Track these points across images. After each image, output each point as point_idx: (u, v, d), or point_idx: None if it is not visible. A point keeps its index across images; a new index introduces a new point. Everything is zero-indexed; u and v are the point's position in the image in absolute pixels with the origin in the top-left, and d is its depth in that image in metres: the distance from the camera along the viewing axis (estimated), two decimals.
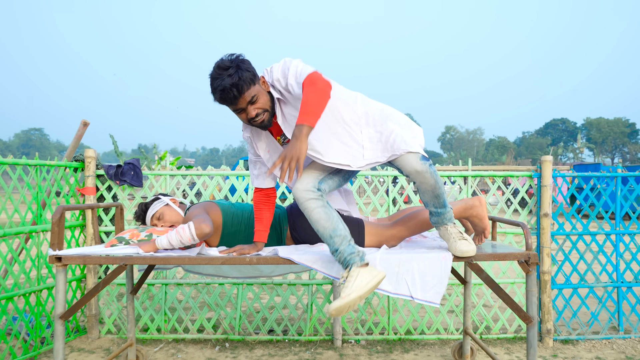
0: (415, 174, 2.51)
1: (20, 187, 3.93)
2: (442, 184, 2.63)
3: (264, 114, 2.60)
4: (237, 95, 2.49)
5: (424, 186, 2.57)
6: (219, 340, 4.52)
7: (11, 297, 3.79)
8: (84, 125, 4.47)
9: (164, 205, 3.25)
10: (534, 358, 2.87)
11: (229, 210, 3.18)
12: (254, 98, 2.54)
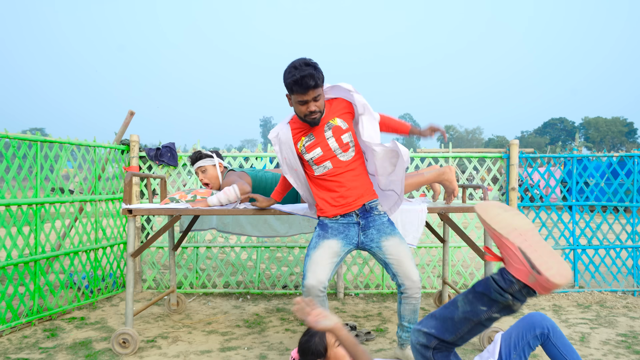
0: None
1: (76, 164, 4.83)
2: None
3: (318, 113, 3.08)
4: (312, 86, 2.95)
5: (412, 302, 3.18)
6: (241, 293, 5.43)
7: (76, 251, 4.69)
8: (130, 114, 5.37)
9: (212, 165, 4.15)
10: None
11: (257, 177, 4.08)
12: (318, 97, 3.03)
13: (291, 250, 5.63)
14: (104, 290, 5.08)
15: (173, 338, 4.03)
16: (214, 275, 5.54)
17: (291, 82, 2.94)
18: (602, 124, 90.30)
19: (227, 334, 4.15)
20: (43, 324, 4.29)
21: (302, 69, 2.92)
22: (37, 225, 4.24)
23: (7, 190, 4.06)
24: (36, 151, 4.23)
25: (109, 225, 5.18)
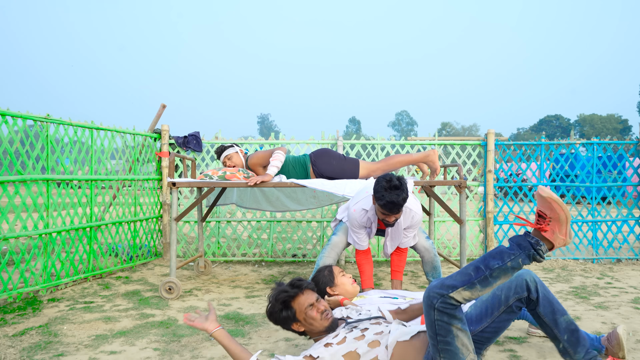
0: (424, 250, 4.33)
1: (115, 150, 5.70)
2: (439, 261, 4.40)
3: (395, 221, 3.90)
4: (398, 210, 3.75)
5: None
6: (257, 261, 6.32)
7: (120, 222, 5.58)
8: (162, 107, 6.26)
9: (235, 152, 5.02)
10: (465, 250, 4.66)
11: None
12: (400, 213, 3.83)
13: (299, 224, 6.52)
14: (140, 256, 5.97)
15: (205, 290, 4.92)
16: (233, 245, 6.44)
17: (383, 202, 3.70)
18: (597, 121, 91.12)
19: (249, 288, 5.04)
20: (96, 280, 5.17)
21: (394, 194, 3.66)
22: (92, 198, 5.12)
23: (70, 169, 4.93)
24: (91, 136, 5.11)
25: (145, 202, 6.06)
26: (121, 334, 3.57)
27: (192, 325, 2.56)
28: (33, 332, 3.57)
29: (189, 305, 4.33)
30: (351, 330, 2.59)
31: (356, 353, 2.45)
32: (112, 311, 4.14)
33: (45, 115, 4.54)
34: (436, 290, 2.27)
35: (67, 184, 4.95)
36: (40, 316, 3.96)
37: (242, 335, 3.54)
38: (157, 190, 6.28)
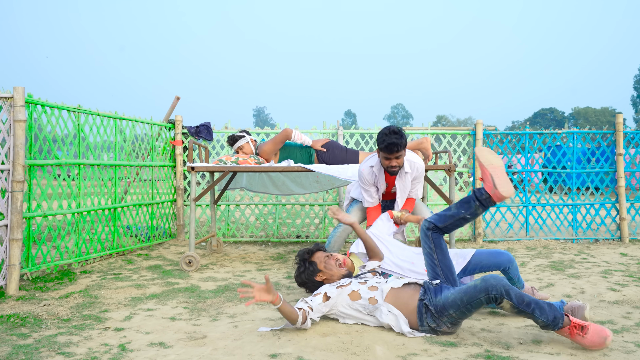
0: None
1: (133, 139, 6.21)
2: None
3: (397, 167, 4.28)
4: (396, 151, 4.15)
5: None
6: (263, 241, 6.85)
7: (140, 204, 6.09)
8: (176, 99, 6.76)
9: (246, 142, 5.53)
10: (454, 234, 5.18)
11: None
12: (400, 156, 4.20)
13: (302, 207, 7.04)
14: (157, 236, 6.48)
15: (220, 265, 5.45)
16: (242, 227, 6.97)
17: (383, 145, 4.17)
18: (592, 114, 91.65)
19: (259, 263, 5.57)
20: (119, 257, 5.68)
21: (393, 137, 4.12)
22: (116, 181, 5.63)
23: (98, 155, 5.44)
24: (115, 125, 5.62)
25: (161, 187, 6.57)
26: (153, 296, 4.09)
27: (256, 300, 2.97)
28: (75, 295, 4.09)
29: (207, 276, 4.85)
30: (356, 278, 3.19)
31: (358, 293, 3.10)
32: (140, 280, 4.66)
33: (77, 106, 5.04)
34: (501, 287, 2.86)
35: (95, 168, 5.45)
36: (76, 284, 4.47)
37: None
38: (171, 175, 6.79)
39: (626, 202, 6.85)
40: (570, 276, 4.80)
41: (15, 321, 3.38)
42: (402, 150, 4.17)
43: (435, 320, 3.01)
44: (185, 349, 2.89)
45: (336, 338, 3.04)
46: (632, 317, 3.49)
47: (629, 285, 4.40)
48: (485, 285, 2.86)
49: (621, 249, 6.34)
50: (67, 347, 2.90)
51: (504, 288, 2.85)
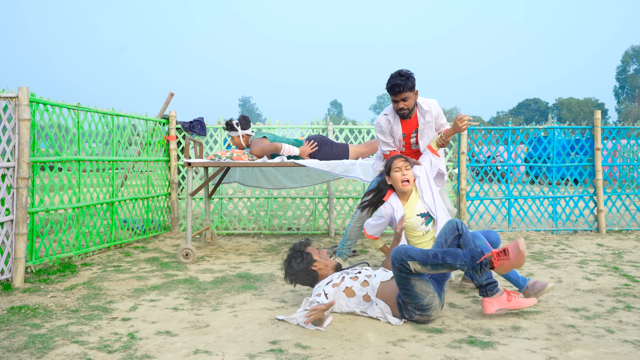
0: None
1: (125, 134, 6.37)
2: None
3: (406, 110, 4.29)
4: (399, 92, 4.20)
5: None
6: (256, 233, 7.07)
7: (136, 198, 6.26)
8: (170, 95, 6.92)
9: (237, 135, 5.72)
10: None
11: (272, 139, 5.66)
12: (406, 98, 4.24)
13: (294, 201, 7.26)
14: (152, 229, 6.66)
15: (215, 257, 5.65)
16: (235, 220, 7.17)
17: (388, 85, 4.27)
18: (575, 104, 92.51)
19: (253, 254, 5.78)
20: (117, 249, 5.86)
21: (398, 79, 4.21)
22: (113, 176, 5.80)
23: (97, 151, 5.60)
24: (112, 122, 5.77)
25: (156, 181, 6.74)
26: (154, 288, 4.29)
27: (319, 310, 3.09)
28: (80, 287, 4.28)
29: (204, 268, 5.06)
30: (347, 273, 3.43)
31: (352, 290, 3.33)
32: (140, 272, 4.85)
33: (76, 104, 5.19)
34: (400, 254, 3.13)
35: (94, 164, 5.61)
36: (79, 277, 4.66)
37: (255, 289, 4.28)
38: (165, 170, 6.97)
39: (603, 194, 7.16)
40: (549, 266, 5.07)
41: (26, 312, 3.57)
42: (406, 92, 4.22)
43: (407, 311, 3.28)
44: (191, 337, 3.10)
45: (330, 326, 3.27)
46: (604, 305, 3.77)
47: (603, 275, 4.69)
48: (392, 262, 3.15)
49: (598, 239, 6.64)
50: (79, 336, 3.10)
51: (403, 253, 3.11)
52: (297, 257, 3.65)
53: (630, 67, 78.45)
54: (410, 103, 4.30)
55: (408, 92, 4.23)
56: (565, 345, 2.96)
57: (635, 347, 2.93)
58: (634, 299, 3.92)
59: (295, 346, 2.94)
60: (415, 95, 4.32)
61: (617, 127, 7.27)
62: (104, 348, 2.91)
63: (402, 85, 4.18)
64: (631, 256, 5.58)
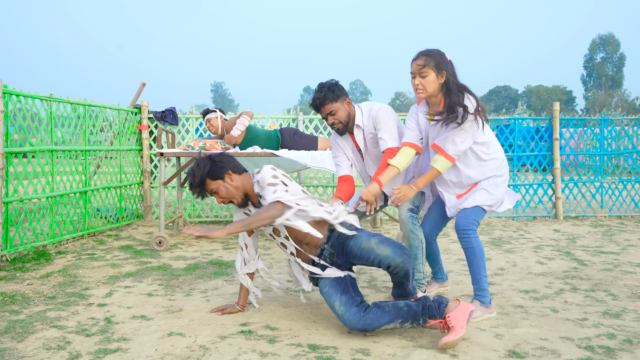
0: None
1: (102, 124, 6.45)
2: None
3: (339, 124, 3.64)
4: (321, 105, 3.60)
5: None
6: (227, 221, 7.23)
7: (108, 187, 6.36)
8: (142, 85, 7.00)
9: (215, 117, 5.85)
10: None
11: (249, 127, 5.80)
12: (333, 112, 3.59)
13: None
14: (125, 217, 6.77)
15: (188, 244, 5.81)
16: (207, 207, 7.31)
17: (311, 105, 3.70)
18: (543, 92, 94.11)
19: (224, 242, 5.95)
20: (91, 238, 5.97)
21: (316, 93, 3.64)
22: (86, 166, 5.89)
23: (69, 141, 5.67)
24: (84, 112, 5.85)
25: (127, 171, 6.84)
26: (129, 275, 4.44)
27: (201, 236, 2.88)
28: (55, 274, 4.41)
29: (177, 255, 5.21)
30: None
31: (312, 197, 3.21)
32: (114, 260, 4.99)
33: (49, 94, 5.26)
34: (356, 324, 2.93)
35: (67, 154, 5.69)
36: (53, 265, 4.77)
37: (226, 275, 4.46)
38: (138, 159, 7.06)
39: (561, 182, 7.51)
40: (506, 251, 5.37)
41: (4, 299, 3.69)
42: (329, 103, 3.59)
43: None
44: (165, 321, 3.28)
45: (297, 309, 3.49)
46: (553, 287, 4.06)
47: (555, 259, 5.00)
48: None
49: (555, 225, 6.99)
50: (58, 321, 3.25)
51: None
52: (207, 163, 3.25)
53: (597, 55, 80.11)
54: (341, 115, 3.64)
55: (333, 104, 3.60)
56: (513, 324, 3.23)
57: (575, 324, 3.21)
58: (580, 281, 4.23)
59: (263, 327, 3.15)
60: (347, 105, 3.67)
61: (575, 118, 7.61)
62: (82, 332, 3.07)
63: (322, 98, 3.59)
64: (584, 241, 5.92)
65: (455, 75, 3.34)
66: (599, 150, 7.66)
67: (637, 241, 5.91)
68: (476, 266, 3.40)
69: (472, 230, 3.38)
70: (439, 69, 3.27)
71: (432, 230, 3.77)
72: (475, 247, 3.38)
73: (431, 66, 3.26)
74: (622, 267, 4.69)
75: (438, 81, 3.30)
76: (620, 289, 3.99)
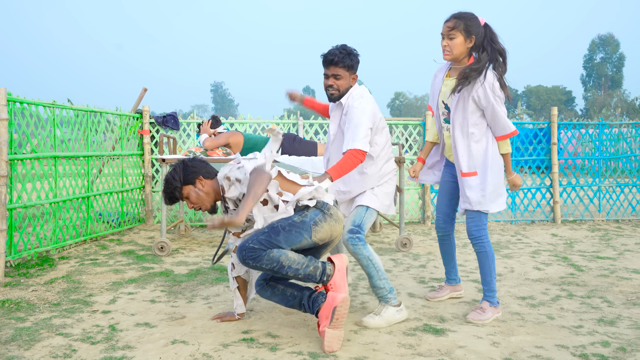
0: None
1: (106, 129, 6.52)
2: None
3: (335, 90, 3.49)
4: (332, 64, 3.44)
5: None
6: None
7: (111, 192, 6.42)
8: (144, 90, 7.06)
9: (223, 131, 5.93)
10: (404, 213, 5.75)
11: (248, 135, 5.88)
12: (339, 76, 3.46)
13: None
14: (127, 222, 6.84)
15: (189, 249, 5.87)
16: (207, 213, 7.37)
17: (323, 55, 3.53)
18: (543, 92, 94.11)
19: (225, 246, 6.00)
20: (93, 242, 6.03)
21: (337, 51, 3.47)
22: (88, 171, 5.95)
23: (72, 147, 5.74)
24: (87, 118, 5.91)
25: (129, 174, 6.90)
26: (131, 281, 4.51)
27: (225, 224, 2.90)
28: (59, 281, 4.47)
29: (179, 260, 5.28)
30: None
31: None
32: (117, 265, 5.05)
33: (52, 101, 5.32)
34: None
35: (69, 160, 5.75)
36: (57, 270, 4.83)
37: (228, 280, 4.51)
38: (139, 163, 7.12)
39: (559, 186, 7.57)
40: (504, 256, 5.44)
41: (10, 306, 3.75)
42: (340, 67, 3.45)
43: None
44: (168, 328, 3.34)
45: (298, 316, 3.55)
46: (549, 293, 4.13)
47: (552, 265, 5.07)
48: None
49: (553, 229, 7.06)
50: (63, 329, 3.31)
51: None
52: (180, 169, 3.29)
53: (596, 55, 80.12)
54: (342, 84, 3.49)
55: (343, 69, 3.46)
56: (509, 331, 3.29)
57: (571, 332, 3.27)
58: (576, 287, 4.29)
59: (265, 335, 3.21)
60: (352, 79, 3.55)
61: (573, 123, 7.68)
62: (88, 340, 3.13)
63: (340, 58, 3.43)
64: (581, 246, 5.99)
65: (493, 40, 3.42)
66: (597, 154, 7.72)
67: (634, 246, 5.98)
68: (487, 269, 3.56)
69: (484, 235, 3.56)
70: (469, 33, 3.35)
71: (446, 222, 3.89)
72: (488, 252, 3.57)
73: (460, 29, 3.34)
74: (618, 272, 4.75)
75: (465, 45, 3.38)
76: (616, 296, 4.05)
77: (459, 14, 3.40)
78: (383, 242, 6.31)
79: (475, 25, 3.37)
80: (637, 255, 5.50)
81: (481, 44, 3.39)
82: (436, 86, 3.67)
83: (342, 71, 3.47)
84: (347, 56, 3.45)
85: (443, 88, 3.62)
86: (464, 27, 3.35)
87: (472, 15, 3.40)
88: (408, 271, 4.87)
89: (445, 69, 3.64)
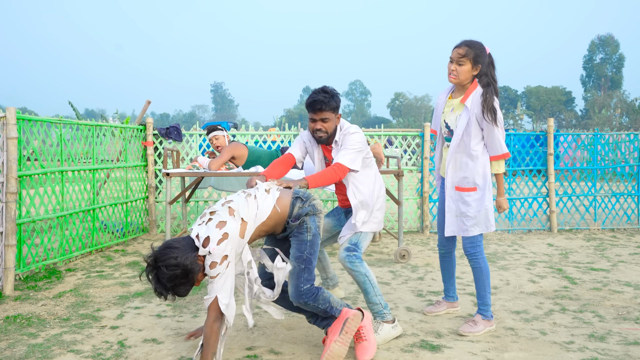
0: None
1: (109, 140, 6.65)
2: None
3: (324, 133, 3.59)
4: (319, 110, 3.52)
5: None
6: None
7: (115, 204, 6.56)
8: (147, 102, 7.19)
9: (222, 135, 6.03)
10: (402, 225, 5.89)
11: (253, 150, 6.00)
12: (326, 119, 3.55)
13: None
14: (131, 232, 6.97)
15: None
16: None
17: (307, 101, 3.60)
18: (543, 93, 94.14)
19: None
20: (99, 253, 6.16)
21: (319, 94, 3.55)
22: (94, 183, 6.08)
23: (78, 161, 5.87)
24: (93, 132, 6.05)
25: (133, 185, 7.03)
26: (138, 294, 4.64)
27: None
28: (67, 294, 4.60)
29: None
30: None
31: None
32: (122, 278, 5.18)
33: (59, 117, 5.46)
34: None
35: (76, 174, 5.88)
36: (64, 283, 4.97)
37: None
38: (143, 174, 7.26)
39: (555, 196, 7.71)
40: (500, 268, 5.57)
41: (21, 322, 3.88)
42: (327, 111, 3.56)
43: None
44: (175, 344, 3.48)
45: (300, 331, 3.68)
46: (543, 307, 4.26)
47: (547, 277, 5.20)
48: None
49: (549, 239, 7.19)
50: (74, 345, 3.45)
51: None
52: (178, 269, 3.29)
53: (596, 56, 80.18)
54: (330, 126, 3.61)
55: (330, 113, 3.57)
56: (503, 347, 3.42)
57: (562, 348, 3.41)
58: (569, 301, 4.42)
59: (268, 352, 3.35)
60: (337, 119, 3.66)
61: (569, 134, 7.81)
62: (98, 356, 3.26)
63: (324, 102, 3.52)
64: (576, 256, 6.12)
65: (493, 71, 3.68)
66: (592, 164, 7.86)
67: (627, 257, 6.11)
68: (482, 284, 3.75)
69: (479, 252, 3.76)
70: (476, 62, 3.62)
71: (448, 240, 4.04)
72: (483, 267, 3.76)
73: (470, 57, 3.60)
74: (611, 285, 4.88)
75: (472, 72, 3.65)
76: (607, 310, 4.19)
77: (470, 42, 3.63)
78: (382, 252, 6.44)
79: (483, 56, 3.63)
80: (630, 267, 5.64)
81: (484, 72, 3.65)
82: (439, 107, 3.89)
83: (329, 114, 3.59)
84: (331, 99, 3.56)
85: (446, 109, 3.83)
86: (473, 57, 3.61)
87: (482, 46, 3.64)
88: (406, 284, 5.00)
89: (449, 90, 3.87)
